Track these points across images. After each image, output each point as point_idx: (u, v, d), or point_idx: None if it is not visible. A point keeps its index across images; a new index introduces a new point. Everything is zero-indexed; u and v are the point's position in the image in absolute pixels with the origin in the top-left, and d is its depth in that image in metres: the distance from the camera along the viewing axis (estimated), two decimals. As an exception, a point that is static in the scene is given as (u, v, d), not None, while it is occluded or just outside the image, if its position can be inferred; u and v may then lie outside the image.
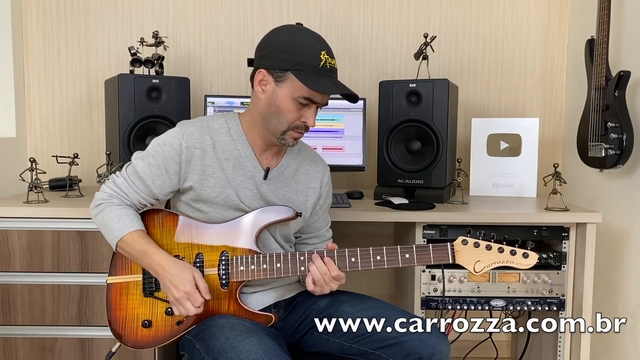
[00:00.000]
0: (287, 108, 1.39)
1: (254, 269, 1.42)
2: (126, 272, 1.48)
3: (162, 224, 1.48)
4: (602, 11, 2.00)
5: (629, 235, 2.03)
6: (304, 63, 1.36)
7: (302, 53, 1.36)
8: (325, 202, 1.61)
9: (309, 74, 1.36)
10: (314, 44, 1.39)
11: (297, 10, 2.48)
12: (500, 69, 2.53)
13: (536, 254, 1.37)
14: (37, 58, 2.46)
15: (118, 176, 1.48)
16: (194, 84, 2.32)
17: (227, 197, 1.45)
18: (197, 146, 1.43)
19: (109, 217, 1.44)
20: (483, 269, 1.37)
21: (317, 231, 1.62)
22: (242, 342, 1.28)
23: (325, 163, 1.64)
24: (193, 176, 1.44)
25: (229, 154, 1.46)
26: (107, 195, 1.47)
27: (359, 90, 2.49)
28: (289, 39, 1.38)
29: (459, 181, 2.08)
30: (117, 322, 1.46)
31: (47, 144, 2.48)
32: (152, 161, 1.44)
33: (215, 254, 1.44)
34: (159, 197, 1.48)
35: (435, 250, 1.40)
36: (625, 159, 1.95)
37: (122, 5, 2.45)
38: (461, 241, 1.39)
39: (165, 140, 1.44)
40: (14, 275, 1.82)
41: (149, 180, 1.44)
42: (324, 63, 1.37)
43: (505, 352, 2.57)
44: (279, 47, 1.39)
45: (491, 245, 1.37)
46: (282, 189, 1.51)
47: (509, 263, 1.36)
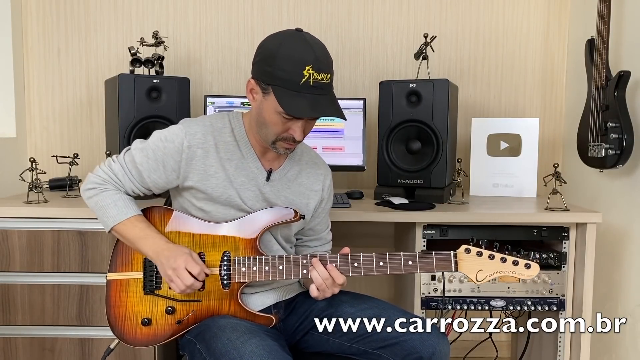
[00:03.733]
0: (273, 121, 1.36)
1: (256, 270, 1.42)
2: (126, 269, 1.47)
3: (164, 222, 1.47)
4: (602, 11, 2.00)
5: (629, 235, 2.03)
6: (283, 79, 1.31)
7: (284, 67, 1.31)
8: (326, 205, 1.60)
9: (288, 91, 1.31)
10: (300, 56, 1.30)
11: (297, 10, 2.48)
12: (500, 69, 2.53)
13: (537, 265, 1.37)
14: (37, 58, 2.46)
15: (115, 161, 1.47)
16: (194, 84, 2.32)
17: (229, 198, 1.45)
18: (199, 146, 1.43)
19: (104, 202, 1.44)
20: (485, 278, 1.37)
21: (319, 234, 1.62)
22: (244, 344, 1.28)
23: (327, 166, 1.63)
24: (194, 176, 1.43)
25: (231, 155, 1.46)
26: (101, 180, 1.46)
27: (359, 91, 2.50)
28: (275, 50, 1.33)
29: (459, 181, 2.08)
30: (116, 320, 1.45)
31: (47, 144, 2.48)
32: (152, 155, 1.43)
33: (217, 254, 1.44)
34: (152, 190, 1.48)
35: (438, 258, 1.39)
36: (625, 159, 1.95)
37: (122, 5, 2.45)
38: (464, 250, 1.39)
39: (167, 136, 1.44)
40: (14, 275, 1.82)
41: (145, 172, 1.44)
42: (306, 79, 1.29)
43: (505, 352, 2.56)
44: (264, 58, 1.35)
45: (494, 255, 1.37)
46: (284, 190, 1.51)
47: (511, 274, 1.37)
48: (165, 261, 1.37)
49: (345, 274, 1.41)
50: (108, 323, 1.46)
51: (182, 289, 1.36)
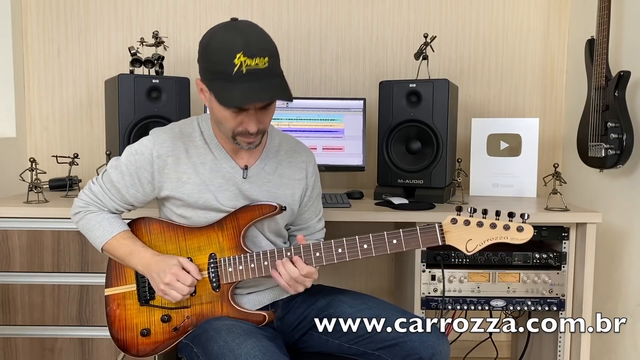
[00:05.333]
0: (224, 117, 1.33)
1: (242, 269, 1.41)
2: (120, 282, 1.49)
3: (150, 232, 1.48)
4: (602, 11, 2.00)
5: (629, 235, 2.03)
6: (217, 71, 1.28)
7: (216, 60, 1.28)
8: (313, 192, 1.57)
9: (223, 83, 1.27)
10: (230, 45, 1.25)
11: (297, 10, 2.48)
12: (500, 69, 2.53)
13: (531, 226, 1.29)
14: (37, 58, 2.46)
15: (95, 183, 1.49)
16: (194, 84, 2.31)
17: (206, 202, 1.44)
18: (169, 154, 1.42)
19: (90, 224, 1.46)
20: (475, 247, 1.29)
21: (306, 222, 1.59)
22: (240, 345, 1.28)
23: (309, 151, 1.59)
24: (168, 184, 1.43)
25: (203, 158, 1.44)
26: (83, 203, 1.49)
27: (359, 91, 2.49)
28: (206, 44, 1.31)
29: (459, 181, 2.08)
30: (118, 334, 1.47)
31: (47, 144, 2.48)
32: (125, 170, 1.44)
33: (204, 257, 1.44)
34: (134, 205, 1.49)
35: (424, 232, 1.34)
36: (625, 159, 1.95)
37: (122, 5, 2.45)
38: (450, 220, 1.32)
39: (137, 149, 1.44)
40: (14, 275, 1.82)
41: (123, 189, 1.45)
42: (239, 68, 1.24)
43: (505, 352, 2.56)
44: (200, 55, 1.33)
45: (482, 221, 1.29)
46: (265, 185, 1.48)
47: (503, 239, 1.29)
48: (156, 276, 1.38)
49: (330, 263, 1.38)
50: (112, 338, 1.48)
51: (177, 300, 1.37)
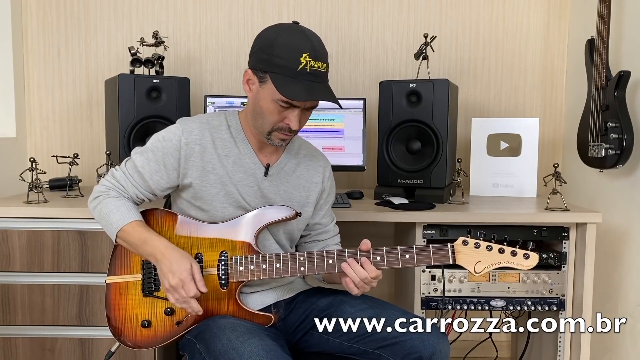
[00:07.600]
0: (269, 109, 1.37)
1: (254, 269, 1.42)
2: (125, 271, 1.47)
3: (161, 224, 1.48)
4: (602, 11, 2.00)
5: (629, 235, 2.03)
6: (281, 65, 1.33)
7: (281, 55, 1.33)
8: (329, 197, 1.61)
9: (285, 77, 1.33)
10: (298, 44, 1.33)
11: (297, 10, 2.48)
12: (500, 69, 2.53)
13: (537, 254, 1.36)
14: (37, 58, 2.46)
15: (117, 170, 1.48)
16: (194, 84, 2.32)
17: (229, 194, 1.45)
18: (196, 142, 1.43)
19: (107, 208, 1.43)
20: (483, 269, 1.36)
21: (325, 226, 1.61)
22: (243, 344, 1.28)
23: (326, 158, 1.63)
24: (193, 172, 1.44)
25: (228, 151, 1.46)
26: (105, 188, 1.47)
27: (359, 91, 2.50)
28: (272, 39, 1.35)
29: (459, 181, 2.08)
30: (116, 322, 1.45)
31: (47, 144, 2.48)
32: (152, 156, 1.44)
33: (215, 254, 1.44)
34: (156, 193, 1.48)
35: (436, 250, 1.39)
36: (625, 159, 1.95)
37: (122, 5, 2.45)
38: (462, 242, 1.38)
39: (165, 135, 1.44)
40: (14, 275, 1.82)
41: (147, 175, 1.44)
42: (304, 66, 1.32)
43: (505, 352, 2.57)
44: (262, 47, 1.37)
45: (492, 245, 1.36)
46: (283, 185, 1.51)
47: (510, 264, 1.36)
48: (166, 272, 1.35)
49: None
50: (108, 326, 1.46)
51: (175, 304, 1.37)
